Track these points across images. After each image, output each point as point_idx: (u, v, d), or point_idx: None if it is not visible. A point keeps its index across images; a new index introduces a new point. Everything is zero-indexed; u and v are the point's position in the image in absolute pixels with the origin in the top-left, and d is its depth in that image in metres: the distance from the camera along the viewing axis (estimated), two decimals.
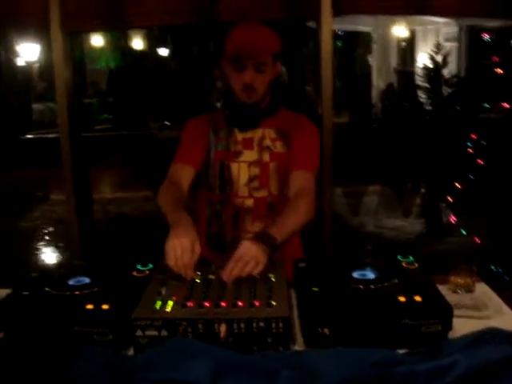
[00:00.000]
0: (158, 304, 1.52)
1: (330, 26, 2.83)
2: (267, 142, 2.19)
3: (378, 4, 2.81)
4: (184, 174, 2.19)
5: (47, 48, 3.03)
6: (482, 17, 2.81)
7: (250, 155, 2.19)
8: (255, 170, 2.19)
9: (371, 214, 7.09)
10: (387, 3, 2.80)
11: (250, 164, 2.19)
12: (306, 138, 2.22)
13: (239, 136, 2.21)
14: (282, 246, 1.89)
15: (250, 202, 2.20)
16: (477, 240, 5.29)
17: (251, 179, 2.19)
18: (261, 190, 2.19)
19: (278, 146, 2.19)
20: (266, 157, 2.18)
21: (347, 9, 2.87)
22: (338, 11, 2.85)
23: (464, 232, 5.76)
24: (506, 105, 6.12)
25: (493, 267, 4.54)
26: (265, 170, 2.18)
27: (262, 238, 1.79)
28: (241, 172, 2.19)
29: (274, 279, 1.66)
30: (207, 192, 2.26)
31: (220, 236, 2.24)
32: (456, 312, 1.65)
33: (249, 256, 1.69)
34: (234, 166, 2.19)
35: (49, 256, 5.79)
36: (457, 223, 6.18)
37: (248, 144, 2.20)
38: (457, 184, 6.58)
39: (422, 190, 7.86)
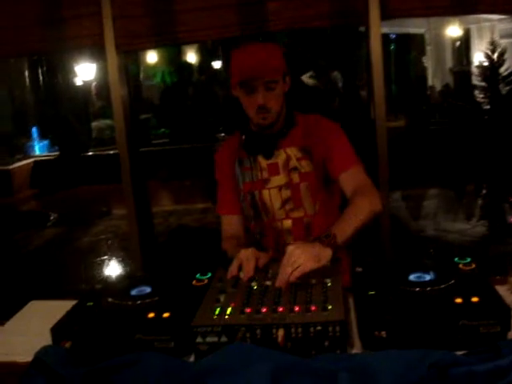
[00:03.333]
0: (217, 311, 1.56)
1: (379, 30, 2.83)
2: (293, 163, 2.17)
3: (425, 5, 2.80)
4: (235, 225, 2.27)
5: (103, 67, 3.14)
6: None
7: (278, 180, 2.19)
8: (287, 193, 2.18)
9: (432, 217, 6.99)
10: (434, 3, 2.78)
11: (281, 188, 2.19)
12: (335, 140, 2.17)
13: (263, 162, 2.21)
14: (346, 245, 1.89)
15: (288, 224, 2.21)
16: None
17: (284, 202, 2.19)
18: (296, 211, 2.19)
19: (305, 165, 2.17)
20: (296, 178, 2.17)
21: (394, 12, 2.87)
22: (386, 15, 2.85)
23: None
24: None
25: None
26: (296, 191, 2.18)
27: (320, 239, 1.80)
28: (272, 198, 2.20)
29: (329, 283, 1.68)
30: (248, 227, 2.30)
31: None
32: None
33: (291, 260, 1.69)
34: (265, 194, 2.21)
35: (113, 269, 5.93)
36: None
37: (274, 170, 2.19)
38: None
39: (484, 192, 7.71)
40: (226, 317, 1.52)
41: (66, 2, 3.05)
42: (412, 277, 1.70)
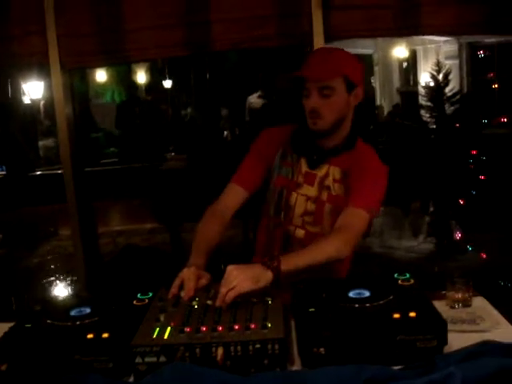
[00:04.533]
0: (157, 330, 1.54)
1: None
2: (329, 182, 2.15)
3: (369, 27, 2.87)
4: (237, 197, 2.21)
5: (51, 85, 3.12)
6: (471, 34, 2.86)
7: (309, 190, 2.17)
8: (312, 206, 2.17)
9: (379, 234, 7.08)
10: (376, 25, 2.85)
11: (308, 199, 2.17)
12: (365, 175, 2.10)
13: (304, 167, 2.19)
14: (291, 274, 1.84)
15: (301, 233, 2.20)
16: (483, 256, 5.29)
17: (306, 213, 2.18)
18: (314, 226, 2.18)
19: (337, 188, 2.15)
20: (324, 196, 2.15)
21: (339, 34, 2.93)
22: (331, 37, 2.90)
23: (470, 248, 5.75)
24: (503, 119, 6.15)
25: (502, 282, 4.53)
26: (320, 209, 2.16)
27: (263, 261, 1.79)
28: (297, 203, 2.19)
29: (270, 301, 1.68)
30: (265, 218, 2.28)
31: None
32: (453, 327, 1.67)
33: (228, 280, 1.69)
34: (293, 196, 2.19)
35: (57, 290, 5.83)
36: (465, 240, 6.17)
37: (310, 179, 2.17)
38: (461, 201, 6.58)
39: (431, 209, 7.86)
40: (165, 336, 1.51)
41: (13, 19, 3.02)
42: (352, 293, 1.72)
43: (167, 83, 15.88)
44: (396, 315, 1.56)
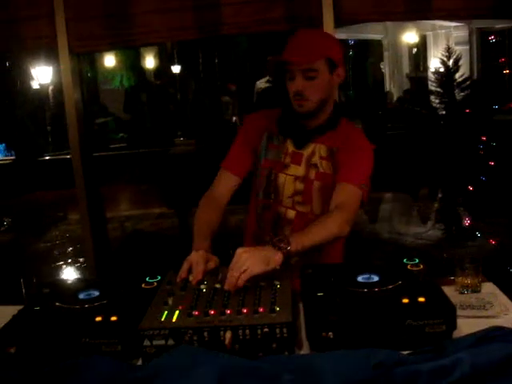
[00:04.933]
0: (165, 314, 1.54)
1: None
2: (315, 159, 2.17)
3: (378, 10, 2.84)
4: (228, 184, 2.24)
5: (60, 70, 3.11)
6: (482, 18, 2.83)
7: (296, 170, 2.18)
8: (300, 185, 2.18)
9: (388, 220, 7.08)
10: (387, 9, 2.82)
11: (296, 179, 2.18)
12: (354, 152, 2.13)
13: (290, 148, 2.20)
14: (299, 254, 1.88)
15: (292, 214, 2.20)
16: (493, 242, 5.28)
17: (295, 193, 2.19)
18: (304, 206, 2.18)
19: (325, 166, 2.16)
20: (312, 174, 2.17)
21: (348, 18, 2.90)
22: (340, 21, 2.88)
23: (479, 235, 5.74)
24: None
25: (511, 269, 4.52)
26: (309, 187, 2.17)
27: (274, 242, 1.80)
28: (286, 184, 2.19)
29: (279, 285, 1.68)
30: (254, 197, 2.29)
31: (261, 240, 2.20)
32: (462, 312, 1.67)
33: (239, 264, 1.69)
34: (281, 177, 2.20)
35: (66, 274, 5.86)
36: (474, 227, 6.16)
37: (297, 159, 2.19)
38: (470, 187, 6.55)
39: (439, 195, 7.84)
40: (174, 320, 1.51)
41: (20, 3, 3.01)
42: (360, 278, 1.71)
43: (176, 68, 15.84)
44: (405, 300, 1.55)
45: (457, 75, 10.14)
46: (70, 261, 6.22)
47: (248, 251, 1.74)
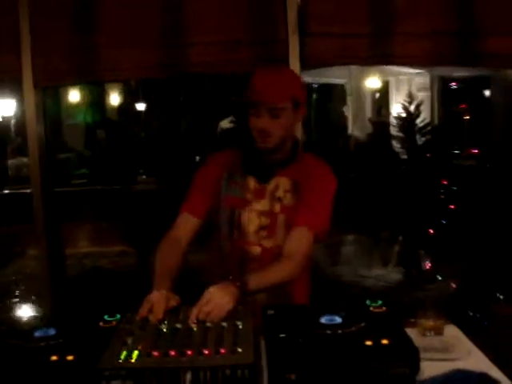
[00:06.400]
0: (124, 354, 1.50)
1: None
2: (279, 193, 2.17)
3: (344, 54, 2.88)
4: (189, 227, 2.22)
5: (23, 103, 3.09)
6: (444, 65, 2.89)
7: (261, 205, 2.18)
8: (265, 220, 2.17)
9: (349, 263, 7.10)
10: (353, 53, 2.87)
11: (261, 214, 2.18)
12: (316, 192, 2.16)
13: (252, 184, 2.20)
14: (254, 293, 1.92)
15: (257, 251, 2.19)
16: (453, 286, 5.32)
17: (260, 228, 2.18)
18: (269, 240, 2.18)
19: (289, 198, 2.16)
20: (277, 208, 2.17)
21: (314, 61, 2.94)
22: (306, 63, 2.91)
23: (440, 278, 5.78)
24: (474, 150, 6.25)
25: (471, 312, 4.55)
26: (274, 221, 2.17)
27: (234, 281, 1.85)
28: (250, 220, 2.18)
29: (240, 326, 1.65)
30: (218, 236, 2.27)
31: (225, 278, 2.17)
32: (425, 355, 1.66)
33: (213, 302, 1.71)
34: (244, 214, 2.19)
35: (21, 311, 5.72)
36: (435, 270, 6.20)
37: (260, 194, 2.19)
38: (431, 231, 6.62)
39: (400, 238, 7.90)
40: (133, 360, 1.47)
41: None
42: (323, 319, 1.70)
43: (140, 106, 15.86)
44: (368, 342, 1.54)
45: (418, 120, 10.35)
46: (26, 297, 6.08)
47: (221, 290, 1.78)
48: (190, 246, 2.24)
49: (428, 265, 6.23)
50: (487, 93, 12.24)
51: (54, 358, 1.51)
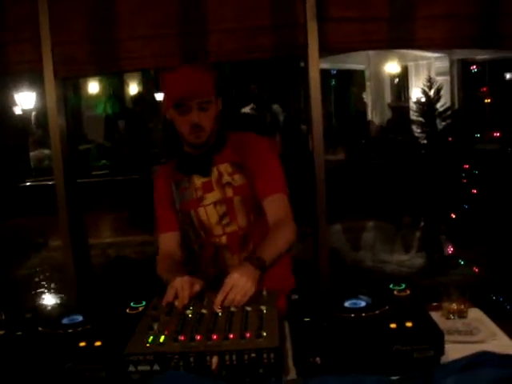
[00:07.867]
0: (150, 339, 1.52)
1: (317, 64, 2.88)
2: (226, 178, 2.21)
3: (364, 39, 2.87)
4: (171, 242, 2.29)
5: (44, 96, 3.10)
6: (464, 47, 2.86)
7: (212, 196, 2.22)
8: (222, 208, 2.21)
9: (371, 249, 7.08)
10: (372, 38, 2.85)
11: (216, 204, 2.22)
12: (265, 160, 2.23)
13: (198, 181, 2.24)
14: (271, 268, 1.96)
15: (224, 240, 2.23)
16: (476, 270, 5.29)
17: (221, 218, 2.22)
18: (232, 225, 2.22)
19: (238, 179, 2.21)
20: (229, 192, 2.21)
21: (333, 46, 2.92)
22: (325, 49, 2.90)
23: (463, 263, 5.75)
24: (496, 134, 6.19)
25: (493, 296, 4.53)
26: (230, 205, 2.21)
27: (251, 261, 1.88)
28: (209, 214, 2.23)
29: (265, 310, 1.67)
30: (186, 244, 2.32)
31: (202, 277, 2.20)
32: (449, 337, 1.66)
33: (237, 288, 1.74)
34: (201, 211, 2.23)
35: (47, 301, 5.79)
36: (457, 255, 6.18)
37: (208, 187, 2.23)
38: (453, 215, 6.59)
39: (421, 224, 7.87)
40: (159, 345, 1.49)
41: (5, 26, 2.99)
42: (347, 303, 1.70)
43: (159, 95, 15.87)
44: (392, 325, 1.54)
45: (438, 105, 10.28)
46: (51, 288, 6.15)
47: (244, 275, 1.79)
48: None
49: (450, 250, 6.21)
50: (508, 75, 12.08)
51: (82, 344, 1.53)
